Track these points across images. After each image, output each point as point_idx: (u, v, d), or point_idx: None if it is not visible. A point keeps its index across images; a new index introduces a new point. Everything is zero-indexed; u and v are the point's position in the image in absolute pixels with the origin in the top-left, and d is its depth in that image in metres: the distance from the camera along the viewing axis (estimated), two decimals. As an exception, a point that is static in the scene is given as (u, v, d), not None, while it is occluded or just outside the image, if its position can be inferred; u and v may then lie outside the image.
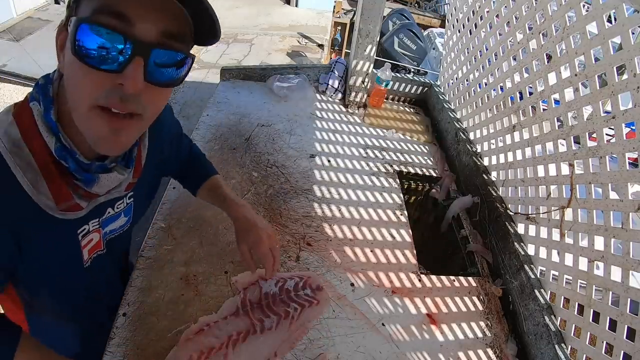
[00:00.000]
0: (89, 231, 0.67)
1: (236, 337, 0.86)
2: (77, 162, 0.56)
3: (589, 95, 0.97)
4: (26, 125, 0.54)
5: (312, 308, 0.97)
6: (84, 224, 0.64)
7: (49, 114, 0.55)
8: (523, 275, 1.12)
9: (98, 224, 0.68)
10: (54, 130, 0.55)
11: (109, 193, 0.64)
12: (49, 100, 0.55)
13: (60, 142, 0.55)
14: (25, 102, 0.56)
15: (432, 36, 6.17)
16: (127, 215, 0.77)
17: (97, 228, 0.68)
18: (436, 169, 1.61)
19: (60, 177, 0.56)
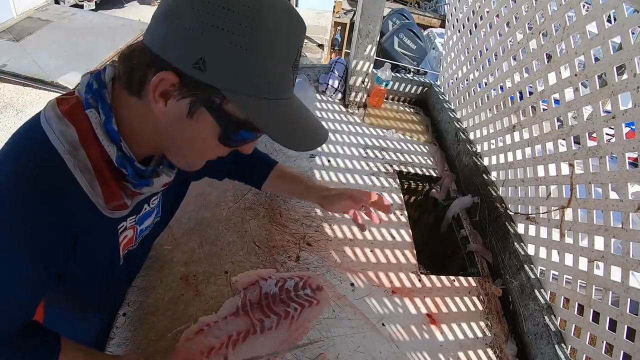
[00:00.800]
0: (126, 228, 0.69)
1: (236, 337, 0.86)
2: (135, 169, 0.59)
3: (589, 95, 0.97)
4: (84, 132, 0.54)
5: (312, 308, 0.97)
6: (123, 221, 0.66)
7: (110, 123, 0.55)
8: (523, 275, 1.12)
9: (134, 220, 0.70)
10: (116, 140, 0.55)
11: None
12: (108, 107, 0.55)
13: (121, 151, 0.56)
14: (78, 107, 0.55)
15: (432, 36, 6.16)
16: (156, 209, 0.79)
17: (132, 225, 0.70)
18: (436, 169, 1.61)
19: (113, 180, 0.58)
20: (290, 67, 0.53)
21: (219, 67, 0.48)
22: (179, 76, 0.49)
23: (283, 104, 0.54)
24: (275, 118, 0.53)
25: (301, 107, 0.59)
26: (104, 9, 6.35)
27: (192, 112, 0.52)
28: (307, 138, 0.57)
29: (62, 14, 5.19)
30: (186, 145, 0.58)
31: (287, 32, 0.51)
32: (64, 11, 5.33)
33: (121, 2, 6.77)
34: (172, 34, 0.48)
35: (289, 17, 0.51)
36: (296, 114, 0.57)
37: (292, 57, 0.53)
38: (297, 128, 0.56)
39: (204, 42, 0.47)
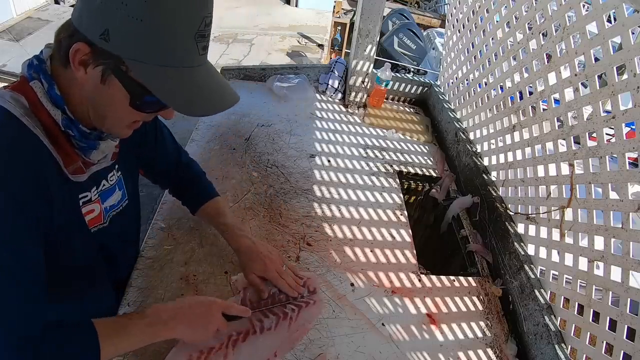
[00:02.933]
0: (91, 200, 0.73)
1: (236, 337, 0.86)
2: (80, 131, 0.64)
3: (589, 95, 0.97)
4: (32, 101, 0.60)
5: (309, 308, 0.97)
6: (85, 191, 0.71)
7: (53, 89, 0.60)
8: (523, 275, 1.12)
9: (97, 193, 0.74)
10: (59, 104, 0.61)
11: (99, 163, 0.72)
12: (49, 77, 0.60)
13: (65, 114, 0.62)
14: (24, 82, 0.60)
15: (432, 36, 6.17)
16: (120, 189, 0.82)
17: (96, 198, 0.74)
18: (436, 169, 1.61)
19: (67, 144, 0.64)
20: (193, 36, 0.56)
21: (120, 38, 0.53)
22: (90, 46, 0.55)
23: (184, 71, 0.58)
24: (171, 84, 0.57)
25: (210, 76, 0.62)
26: (104, 9, 6.34)
27: (104, 79, 0.58)
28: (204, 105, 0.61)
29: (62, 14, 5.19)
30: (105, 109, 0.62)
31: (188, 2, 0.55)
32: (64, 11, 5.34)
33: (121, 2, 6.76)
34: (85, 9, 0.54)
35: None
36: (199, 81, 0.60)
37: (194, 27, 0.56)
38: (195, 95, 0.60)
39: (108, 14, 0.52)
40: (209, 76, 0.62)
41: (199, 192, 1.03)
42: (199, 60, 0.60)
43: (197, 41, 0.57)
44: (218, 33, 5.66)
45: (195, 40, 0.57)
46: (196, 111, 0.60)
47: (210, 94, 0.62)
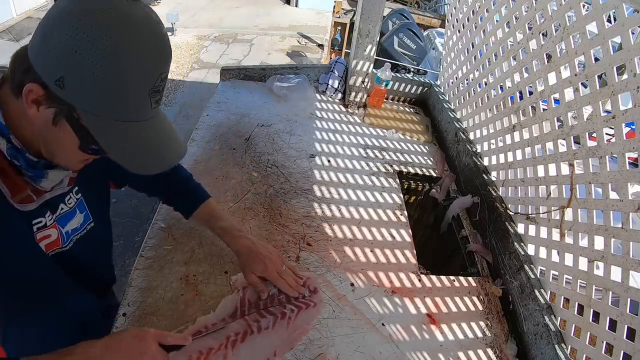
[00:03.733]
0: (46, 225, 0.71)
1: (234, 338, 0.86)
2: (27, 161, 0.63)
3: (589, 95, 0.97)
4: None
5: (309, 310, 0.97)
6: (39, 216, 0.70)
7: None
8: (523, 275, 1.12)
9: (53, 219, 0.73)
10: (4, 133, 0.60)
11: (54, 190, 0.70)
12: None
13: (11, 143, 0.61)
14: None
15: (432, 36, 6.17)
16: (82, 212, 0.81)
17: (53, 223, 0.73)
18: (436, 169, 1.61)
19: (14, 173, 0.63)
20: (147, 93, 0.58)
21: (75, 88, 0.54)
22: (44, 89, 0.55)
23: (135, 126, 0.59)
24: (118, 139, 0.58)
25: (160, 129, 0.63)
26: (104, 9, 6.34)
27: (56, 121, 0.58)
28: (147, 162, 0.62)
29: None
30: (55, 148, 0.63)
31: (145, 61, 0.55)
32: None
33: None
34: (43, 49, 0.54)
35: (154, 48, 0.56)
36: (147, 136, 0.61)
37: (149, 84, 0.57)
38: (140, 150, 0.61)
39: (65, 62, 0.52)
40: (159, 130, 0.63)
41: (189, 197, 1.02)
42: (150, 113, 0.60)
43: (150, 97, 0.58)
44: (218, 33, 5.67)
45: (149, 96, 0.58)
46: (138, 169, 0.61)
47: (156, 150, 0.63)
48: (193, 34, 5.94)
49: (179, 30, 5.92)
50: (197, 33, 5.95)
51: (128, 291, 0.94)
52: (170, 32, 5.87)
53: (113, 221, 0.97)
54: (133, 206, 3.01)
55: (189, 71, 5.15)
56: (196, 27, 6.15)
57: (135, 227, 2.87)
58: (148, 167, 0.62)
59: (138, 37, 0.54)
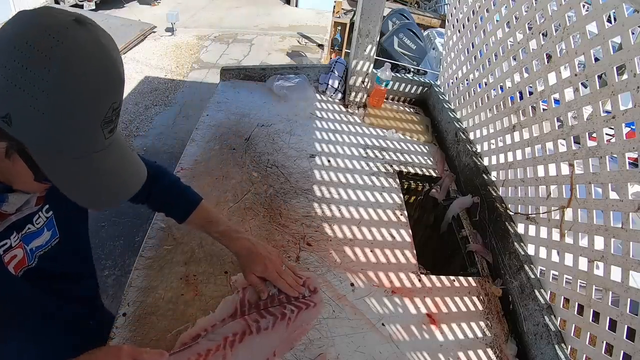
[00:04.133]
0: (12, 246, 0.69)
1: (232, 338, 0.86)
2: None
3: (589, 95, 0.97)
4: None
5: (309, 310, 0.97)
6: (4, 239, 0.67)
7: None
8: (523, 275, 1.12)
9: (18, 239, 0.70)
10: None
11: (20, 211, 0.68)
12: None
13: None
14: None
15: (432, 36, 6.17)
16: (50, 229, 0.78)
17: (18, 243, 0.70)
18: (436, 169, 1.61)
19: None
20: (99, 124, 0.55)
21: (22, 124, 0.51)
22: None
23: (87, 160, 0.57)
24: (72, 174, 0.57)
25: (117, 160, 0.61)
26: (104, 9, 6.36)
27: (8, 155, 0.56)
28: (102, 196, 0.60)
29: (62, 14, 5.18)
30: (12, 179, 0.61)
31: (93, 94, 0.52)
32: (64, 11, 5.32)
33: (121, 2, 6.77)
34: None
35: (102, 77, 0.53)
36: (102, 168, 0.59)
37: (100, 115, 0.54)
38: (97, 184, 0.59)
39: (9, 100, 0.50)
40: (115, 159, 0.61)
41: (181, 202, 0.98)
42: (104, 143, 0.58)
43: (103, 128, 0.56)
44: (218, 33, 5.67)
45: (102, 128, 0.56)
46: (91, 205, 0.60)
47: (113, 183, 0.61)
48: (193, 34, 5.94)
49: (179, 30, 5.92)
50: (197, 33, 5.95)
51: (128, 291, 0.94)
52: (171, 32, 5.87)
53: (113, 221, 0.97)
54: (133, 206, 3.01)
55: (189, 71, 5.15)
56: (196, 27, 6.15)
57: (135, 227, 2.87)
58: (103, 202, 0.61)
59: (83, 68, 0.50)
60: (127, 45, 5.25)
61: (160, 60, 5.27)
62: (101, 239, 2.79)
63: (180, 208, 0.97)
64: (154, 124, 4.17)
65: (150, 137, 3.97)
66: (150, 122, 4.18)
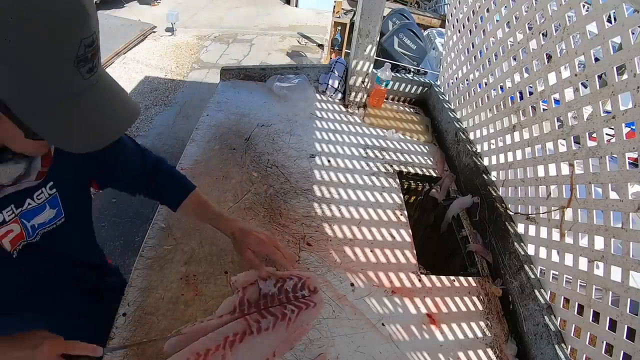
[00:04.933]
0: (5, 221, 0.68)
1: (232, 338, 0.86)
2: None
3: (589, 95, 0.97)
4: None
5: (309, 310, 0.97)
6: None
7: None
8: (523, 275, 1.12)
9: (14, 214, 0.70)
10: None
11: (19, 184, 0.67)
12: None
13: None
14: None
15: (432, 36, 6.16)
16: (54, 208, 0.77)
17: (13, 218, 0.70)
18: (436, 169, 1.61)
19: None
20: (72, 63, 0.52)
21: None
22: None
23: (69, 103, 0.54)
24: (57, 121, 0.54)
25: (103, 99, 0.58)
26: (104, 9, 6.35)
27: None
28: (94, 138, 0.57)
29: (62, 14, 5.18)
30: (6, 141, 0.60)
31: (57, 31, 0.49)
32: (64, 11, 5.32)
33: (121, 2, 6.77)
34: None
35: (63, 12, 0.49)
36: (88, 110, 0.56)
37: (71, 54, 0.51)
38: (84, 128, 0.56)
39: None
40: (100, 99, 0.58)
41: (175, 188, 1.00)
42: (85, 84, 0.55)
43: (78, 67, 0.53)
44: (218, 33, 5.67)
45: (77, 67, 0.52)
46: (79, 147, 0.57)
47: (101, 123, 0.58)
48: (193, 34, 5.94)
49: (179, 30, 5.92)
50: (197, 33, 5.95)
51: (128, 291, 0.94)
52: (171, 32, 5.87)
53: (113, 221, 0.98)
54: (133, 206, 3.01)
55: (189, 71, 5.15)
56: (196, 27, 6.15)
57: (135, 227, 2.87)
58: (94, 142, 0.57)
59: (43, 7, 0.47)
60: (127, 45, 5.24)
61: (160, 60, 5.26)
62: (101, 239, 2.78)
63: (175, 194, 0.98)
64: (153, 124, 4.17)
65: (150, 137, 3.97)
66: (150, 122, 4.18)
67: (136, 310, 0.90)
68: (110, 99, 0.59)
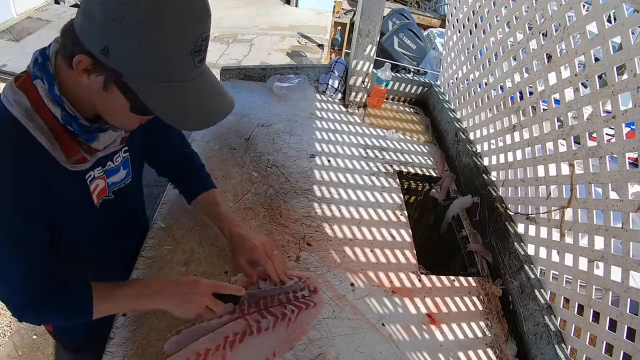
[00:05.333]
0: (95, 177, 0.79)
1: (233, 338, 0.86)
2: (80, 126, 0.68)
3: (589, 95, 0.97)
4: (34, 99, 0.65)
5: (309, 310, 0.96)
6: (90, 172, 0.77)
7: (53, 89, 0.65)
8: (523, 275, 1.12)
9: (102, 172, 0.81)
10: (59, 102, 0.66)
11: (107, 148, 0.77)
12: (50, 77, 0.65)
13: (65, 111, 0.66)
14: (28, 80, 0.66)
15: (432, 36, 6.16)
16: (125, 168, 0.88)
17: (101, 175, 0.81)
18: (436, 169, 1.61)
19: (69, 137, 0.69)
20: (189, 52, 0.60)
21: (119, 55, 0.57)
22: (92, 58, 0.59)
23: (179, 86, 0.62)
24: (165, 99, 0.61)
25: (205, 87, 0.66)
26: (104, 9, 6.35)
27: (106, 87, 0.62)
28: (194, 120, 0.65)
29: (62, 14, 5.19)
30: (109, 112, 0.68)
31: (184, 24, 0.57)
32: (63, 11, 5.34)
33: (121, 2, 6.76)
34: (86, 23, 0.57)
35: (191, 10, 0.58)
36: (193, 95, 0.64)
37: (190, 44, 0.59)
38: (187, 110, 0.64)
39: (106, 33, 0.56)
40: (205, 88, 0.65)
41: (197, 183, 1.08)
42: (194, 73, 0.63)
43: (193, 56, 0.60)
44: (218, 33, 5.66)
45: (192, 56, 0.60)
46: (186, 126, 0.65)
47: (203, 107, 0.65)
48: (193, 34, 5.93)
49: (179, 30, 5.92)
50: (197, 33, 5.94)
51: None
52: (170, 32, 5.87)
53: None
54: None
55: (189, 71, 5.14)
56: (196, 27, 6.14)
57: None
58: (194, 124, 0.66)
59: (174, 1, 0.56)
60: (127, 45, 5.25)
61: (160, 60, 5.26)
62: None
63: (195, 187, 1.07)
64: (154, 124, 4.17)
65: (150, 137, 3.97)
66: (150, 122, 4.19)
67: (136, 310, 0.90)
68: (213, 88, 0.67)
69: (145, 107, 0.62)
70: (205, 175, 1.10)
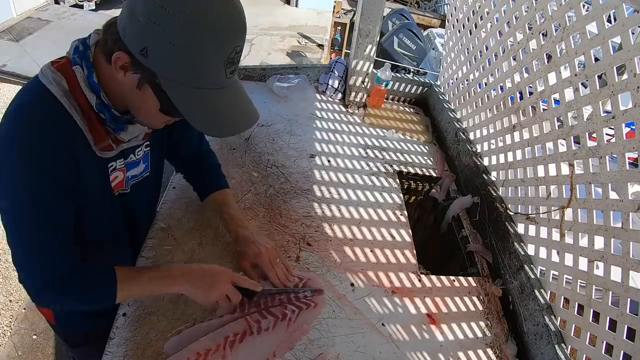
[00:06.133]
0: (116, 168, 0.82)
1: (233, 338, 0.86)
2: (112, 115, 0.72)
3: (589, 95, 0.97)
4: (72, 83, 0.68)
5: (309, 311, 0.96)
6: (112, 162, 0.80)
7: (92, 77, 0.68)
8: (523, 275, 1.12)
9: (123, 164, 0.83)
10: (96, 90, 0.69)
11: (131, 141, 0.80)
12: (90, 65, 0.68)
13: (100, 99, 0.70)
14: (68, 64, 0.69)
15: (432, 36, 6.17)
16: (145, 162, 0.90)
17: (122, 167, 0.83)
18: (436, 169, 1.61)
19: (99, 124, 0.72)
20: (222, 63, 0.63)
21: (157, 57, 0.60)
22: (130, 57, 0.62)
23: (210, 93, 0.65)
24: (195, 104, 0.64)
25: (234, 97, 0.69)
26: (104, 9, 6.35)
27: (140, 86, 0.65)
28: (220, 128, 0.68)
29: (62, 14, 5.20)
30: (139, 108, 0.71)
31: (221, 35, 0.61)
32: (64, 11, 5.34)
33: (121, 2, 6.77)
34: (129, 23, 0.60)
35: (229, 22, 0.61)
36: (222, 103, 0.67)
37: (224, 55, 0.62)
38: (216, 116, 0.66)
39: (147, 35, 0.59)
40: (233, 97, 0.69)
41: (212, 181, 1.10)
42: (225, 82, 0.66)
43: (225, 67, 0.63)
44: (218, 33, 5.65)
45: (224, 67, 0.63)
46: (212, 132, 0.69)
47: (230, 117, 0.68)
48: (193, 34, 5.94)
49: (179, 30, 5.92)
50: (197, 33, 5.95)
51: (128, 291, 0.94)
52: (170, 32, 5.88)
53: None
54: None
55: (189, 71, 5.15)
56: (196, 27, 6.14)
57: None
58: (220, 130, 0.68)
59: (214, 12, 0.59)
60: (127, 45, 5.25)
61: (160, 60, 5.27)
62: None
63: (210, 185, 1.09)
64: (154, 124, 4.17)
65: (150, 137, 3.97)
66: (150, 122, 4.19)
67: (136, 310, 0.90)
68: (240, 99, 0.71)
69: (174, 109, 0.64)
70: (220, 175, 1.12)
